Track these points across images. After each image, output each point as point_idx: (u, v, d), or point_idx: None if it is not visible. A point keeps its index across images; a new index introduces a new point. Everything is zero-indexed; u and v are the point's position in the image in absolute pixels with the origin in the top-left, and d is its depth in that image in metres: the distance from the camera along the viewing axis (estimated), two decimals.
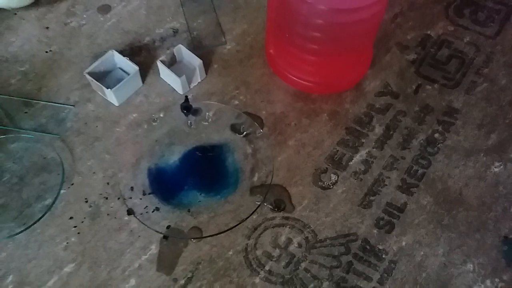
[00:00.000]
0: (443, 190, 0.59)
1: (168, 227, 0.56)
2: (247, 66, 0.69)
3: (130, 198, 0.57)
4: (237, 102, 0.66)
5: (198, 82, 0.67)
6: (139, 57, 0.69)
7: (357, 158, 0.61)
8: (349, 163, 0.61)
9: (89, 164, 0.60)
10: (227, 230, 0.55)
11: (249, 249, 0.55)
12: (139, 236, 0.56)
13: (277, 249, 0.55)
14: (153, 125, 0.62)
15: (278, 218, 0.57)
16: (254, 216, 0.57)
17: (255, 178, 0.59)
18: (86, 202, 0.58)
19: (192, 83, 0.67)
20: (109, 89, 0.62)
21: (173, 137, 0.62)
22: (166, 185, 0.59)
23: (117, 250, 0.55)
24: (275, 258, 0.54)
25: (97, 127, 0.63)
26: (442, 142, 0.63)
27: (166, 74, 0.66)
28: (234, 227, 0.55)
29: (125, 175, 0.58)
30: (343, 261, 0.54)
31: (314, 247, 0.55)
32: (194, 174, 0.59)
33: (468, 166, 0.61)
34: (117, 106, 0.65)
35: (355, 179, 0.60)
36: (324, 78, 0.65)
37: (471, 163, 0.61)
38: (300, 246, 0.55)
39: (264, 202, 0.57)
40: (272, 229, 0.56)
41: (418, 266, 0.54)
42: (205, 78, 0.68)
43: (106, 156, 0.61)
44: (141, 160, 0.60)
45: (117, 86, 0.63)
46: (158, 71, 0.68)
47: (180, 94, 0.66)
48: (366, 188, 0.59)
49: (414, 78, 0.68)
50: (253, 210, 0.56)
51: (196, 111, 0.63)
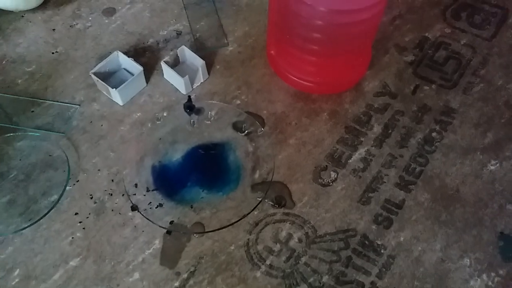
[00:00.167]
0: (441, 187, 0.60)
1: (171, 223, 0.57)
2: (249, 66, 0.71)
3: (134, 195, 0.58)
4: (238, 102, 0.67)
5: (201, 82, 0.69)
6: (143, 58, 0.71)
7: (356, 156, 0.63)
8: (348, 161, 0.62)
9: (94, 161, 0.62)
10: (229, 225, 0.56)
11: (250, 244, 0.56)
12: (143, 231, 0.57)
13: (277, 244, 0.56)
14: (156, 124, 0.64)
15: (279, 214, 0.58)
16: (255, 212, 0.58)
17: (256, 175, 0.60)
18: (91, 198, 0.59)
19: (195, 83, 0.68)
20: (114, 88, 0.64)
21: (176, 135, 0.64)
22: (169, 182, 0.60)
23: (121, 244, 0.56)
24: (276, 253, 0.56)
25: (102, 126, 0.65)
26: (439, 140, 0.64)
27: (169, 74, 0.68)
28: (235, 223, 0.56)
29: (129, 172, 0.60)
30: (343, 256, 0.55)
31: (314, 242, 0.56)
32: (196, 171, 0.61)
33: (465, 164, 0.62)
34: (121, 106, 0.66)
35: (354, 177, 0.61)
36: (324, 79, 0.66)
37: (468, 161, 0.62)
38: (300, 241, 0.56)
39: (265, 198, 0.59)
40: (273, 224, 0.57)
41: (416, 261, 0.55)
42: (207, 78, 0.69)
43: (111, 153, 0.62)
44: (145, 157, 0.61)
45: (121, 86, 0.64)
46: (162, 72, 0.69)
47: (183, 94, 0.68)
48: (365, 185, 0.60)
49: (412, 79, 0.70)
50: (254, 206, 0.57)
51: (199, 111, 0.65)
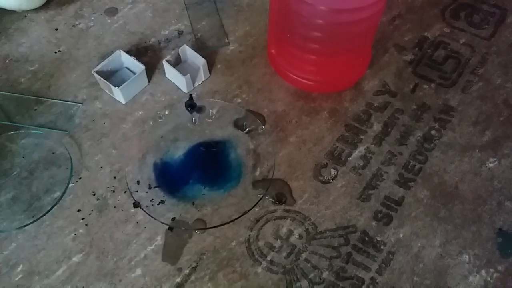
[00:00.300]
0: (440, 184, 0.61)
1: (173, 219, 0.57)
2: (250, 66, 0.71)
3: (136, 191, 0.58)
4: (239, 100, 0.68)
5: (202, 81, 0.70)
6: (145, 57, 0.72)
7: (356, 153, 0.63)
8: (348, 159, 0.63)
9: (96, 159, 0.62)
10: (230, 222, 0.57)
11: (251, 240, 0.57)
12: (145, 227, 0.57)
13: (278, 240, 0.57)
14: (158, 121, 0.64)
15: (280, 211, 0.59)
16: (256, 208, 0.58)
17: (257, 173, 0.61)
18: (94, 195, 0.60)
19: (196, 82, 0.69)
20: (116, 87, 0.64)
21: (178, 133, 0.64)
22: (171, 179, 0.60)
23: (123, 241, 0.56)
24: (277, 249, 0.56)
25: (104, 124, 0.65)
26: (438, 138, 0.65)
27: (171, 73, 0.68)
28: (236, 219, 0.57)
29: (131, 169, 0.60)
30: (343, 252, 0.56)
31: (314, 239, 0.57)
32: (198, 169, 0.61)
33: (463, 161, 0.63)
34: (123, 104, 0.67)
35: (354, 174, 0.62)
36: (324, 78, 0.67)
37: (467, 159, 0.63)
38: (301, 237, 0.57)
39: (266, 195, 0.59)
40: (273, 221, 0.58)
41: (415, 257, 0.56)
42: (209, 77, 0.70)
43: (113, 151, 0.63)
44: (147, 155, 0.62)
45: (124, 84, 0.65)
46: (164, 71, 0.70)
47: (184, 92, 0.68)
48: (365, 182, 0.61)
49: (411, 78, 0.70)
50: (255, 203, 0.58)
51: (200, 109, 0.65)
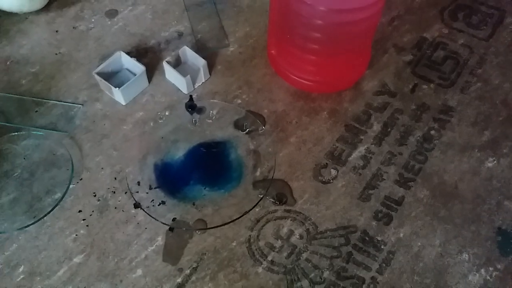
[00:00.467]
0: (439, 184, 0.61)
1: (173, 220, 0.57)
2: (250, 66, 0.72)
3: (137, 192, 0.59)
4: (240, 101, 0.68)
5: (202, 82, 0.70)
6: (145, 58, 0.72)
7: (356, 154, 0.64)
8: (348, 159, 0.63)
9: (97, 160, 0.63)
10: (231, 222, 0.57)
11: (252, 240, 0.57)
12: (146, 228, 0.57)
13: (279, 240, 0.57)
14: (159, 122, 0.65)
15: (280, 211, 0.59)
16: (256, 209, 0.58)
17: (258, 173, 0.61)
18: (95, 196, 0.60)
19: (196, 83, 0.69)
20: (116, 88, 0.65)
21: (178, 134, 0.64)
22: (171, 179, 0.61)
23: (124, 241, 0.57)
24: (277, 249, 0.56)
25: (104, 125, 0.66)
26: (438, 138, 0.65)
27: (171, 74, 0.69)
28: (237, 219, 0.57)
29: (132, 170, 0.60)
30: (343, 251, 0.56)
31: (315, 238, 0.57)
32: (198, 169, 0.61)
33: (463, 161, 0.63)
34: (124, 105, 0.67)
35: (354, 174, 0.62)
36: (324, 78, 0.67)
37: (466, 159, 0.63)
38: (301, 237, 0.57)
39: (266, 195, 0.59)
40: (274, 221, 0.58)
41: (416, 256, 0.56)
42: (209, 78, 0.70)
43: (114, 152, 0.63)
44: (147, 156, 0.62)
45: (124, 85, 0.65)
46: (164, 72, 0.70)
47: (185, 93, 0.69)
48: (365, 182, 0.61)
49: (410, 78, 0.71)
50: (255, 203, 0.58)
51: (200, 110, 0.65)
